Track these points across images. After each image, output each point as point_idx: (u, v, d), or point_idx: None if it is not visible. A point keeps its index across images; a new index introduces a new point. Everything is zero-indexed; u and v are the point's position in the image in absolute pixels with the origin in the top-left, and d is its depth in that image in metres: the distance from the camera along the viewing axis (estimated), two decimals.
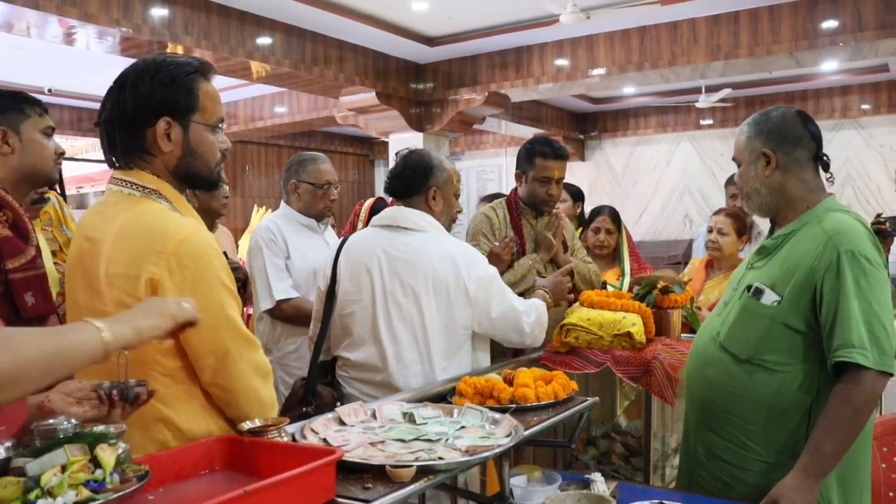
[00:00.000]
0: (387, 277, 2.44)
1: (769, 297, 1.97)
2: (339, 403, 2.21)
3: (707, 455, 2.10)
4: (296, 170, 3.25)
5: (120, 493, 1.12)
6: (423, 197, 2.55)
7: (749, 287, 2.03)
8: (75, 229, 1.78)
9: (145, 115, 1.62)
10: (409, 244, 2.46)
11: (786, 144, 2.05)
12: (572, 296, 3.07)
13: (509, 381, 2.09)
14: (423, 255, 2.43)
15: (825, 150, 2.10)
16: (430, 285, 2.40)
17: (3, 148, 2.01)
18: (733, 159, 2.20)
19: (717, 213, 4.11)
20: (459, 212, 2.78)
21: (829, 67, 8.67)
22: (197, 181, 1.73)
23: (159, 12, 5.85)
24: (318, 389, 2.53)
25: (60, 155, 2.16)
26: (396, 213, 2.56)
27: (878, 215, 3.30)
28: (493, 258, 3.00)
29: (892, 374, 1.83)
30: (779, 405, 1.95)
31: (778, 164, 2.05)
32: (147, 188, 1.63)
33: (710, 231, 4.08)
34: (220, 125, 1.72)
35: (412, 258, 2.43)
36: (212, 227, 3.29)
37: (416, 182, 2.54)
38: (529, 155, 3.31)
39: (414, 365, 2.42)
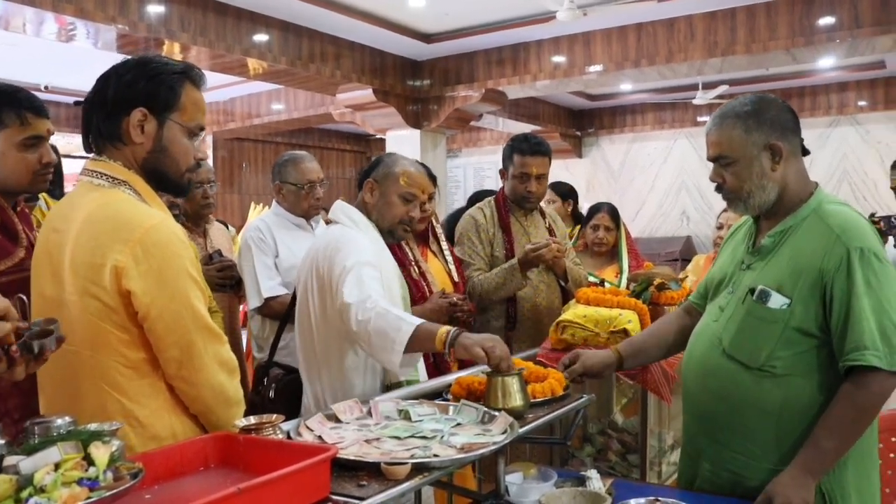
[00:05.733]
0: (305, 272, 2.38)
1: (777, 301, 1.85)
2: None
3: (713, 469, 1.99)
4: (278, 171, 3.27)
5: (114, 491, 1.11)
6: (363, 190, 2.43)
7: (752, 290, 1.90)
8: (43, 222, 1.72)
9: (124, 102, 1.62)
10: (322, 236, 2.39)
11: (788, 133, 1.92)
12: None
13: None
14: (315, 246, 2.36)
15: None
16: (313, 275, 2.30)
17: None
18: (717, 158, 1.96)
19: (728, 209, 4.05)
20: (412, 219, 2.42)
21: (826, 64, 8.68)
22: (164, 181, 1.70)
23: (155, 9, 5.84)
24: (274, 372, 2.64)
25: (46, 165, 1.99)
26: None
27: (872, 215, 3.25)
28: (532, 258, 3.08)
29: None
30: (789, 411, 1.86)
31: (783, 156, 1.91)
32: (116, 178, 1.62)
33: (720, 228, 4.04)
34: (198, 132, 1.72)
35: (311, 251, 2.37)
36: (197, 227, 3.31)
37: (363, 176, 2.46)
38: (510, 152, 3.32)
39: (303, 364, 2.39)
